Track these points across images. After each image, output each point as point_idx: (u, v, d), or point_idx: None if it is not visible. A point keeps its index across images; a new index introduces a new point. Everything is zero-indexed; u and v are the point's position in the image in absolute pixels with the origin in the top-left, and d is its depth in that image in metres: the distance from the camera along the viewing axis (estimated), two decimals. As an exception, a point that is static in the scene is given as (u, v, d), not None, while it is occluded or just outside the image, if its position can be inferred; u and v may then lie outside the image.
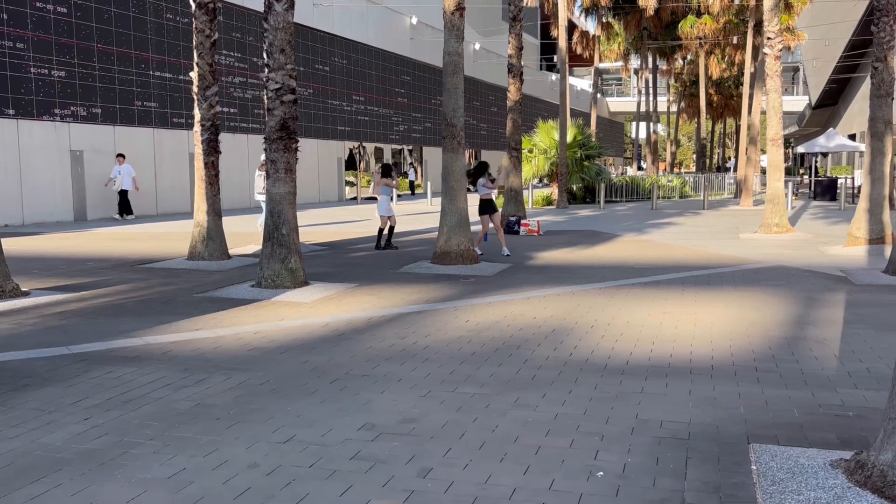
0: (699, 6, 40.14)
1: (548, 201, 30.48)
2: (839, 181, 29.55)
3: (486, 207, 14.39)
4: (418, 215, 24.25)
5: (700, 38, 41.67)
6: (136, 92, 23.21)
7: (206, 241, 12.32)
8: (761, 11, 38.02)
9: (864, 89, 59.63)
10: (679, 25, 41.08)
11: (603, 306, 8.59)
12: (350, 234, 17.90)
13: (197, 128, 12.37)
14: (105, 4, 22.01)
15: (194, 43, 12.23)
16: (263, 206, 22.97)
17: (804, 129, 73.28)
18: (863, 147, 35.93)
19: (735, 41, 40.45)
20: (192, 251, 12.40)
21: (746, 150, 29.00)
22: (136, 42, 23.09)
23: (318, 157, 31.63)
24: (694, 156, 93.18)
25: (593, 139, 32.79)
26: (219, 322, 7.82)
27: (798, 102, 75.84)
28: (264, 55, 10.01)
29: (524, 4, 34.06)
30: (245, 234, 17.35)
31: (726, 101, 59.45)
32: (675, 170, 57.31)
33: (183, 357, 6.41)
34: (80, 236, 17.47)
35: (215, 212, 12.45)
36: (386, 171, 14.33)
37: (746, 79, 35.99)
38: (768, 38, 16.22)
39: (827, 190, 32.26)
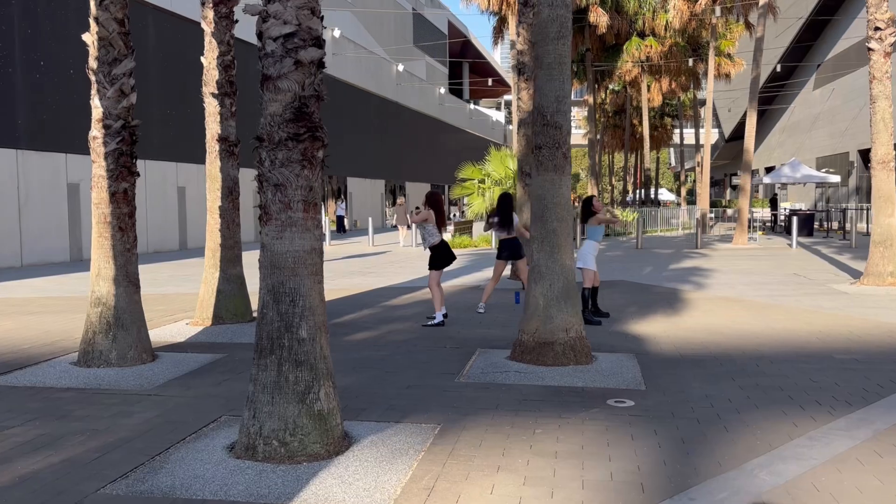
0: (644, 27, 37.22)
1: (508, 240, 25.98)
2: (848, 213, 26.42)
3: (513, 248, 10.78)
4: (367, 259, 19.15)
5: (643, 62, 38.73)
6: (-8, 101, 17.18)
7: (112, 332, 6.94)
8: (719, 31, 35.40)
9: (783, 122, 58.87)
10: (624, 47, 37.99)
11: None
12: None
13: (96, 132, 7.03)
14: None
15: (91, -17, 6.96)
16: (402, 229, 18.81)
17: (715, 162, 72.54)
18: (832, 178, 33.52)
19: (691, 63, 37.61)
20: (89, 348, 6.98)
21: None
22: (-7, 34, 17.12)
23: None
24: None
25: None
26: None
27: (714, 134, 75.34)
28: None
29: None
30: (164, 298, 11.84)
31: (651, 131, 57.26)
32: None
33: None
34: None
35: (129, 279, 7.10)
36: (586, 208, 9.60)
37: (709, 102, 33.10)
38: (877, 29, 12.33)
39: (804, 224, 29.22)
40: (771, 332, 8.81)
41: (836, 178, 33.13)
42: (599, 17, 33.14)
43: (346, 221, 35.00)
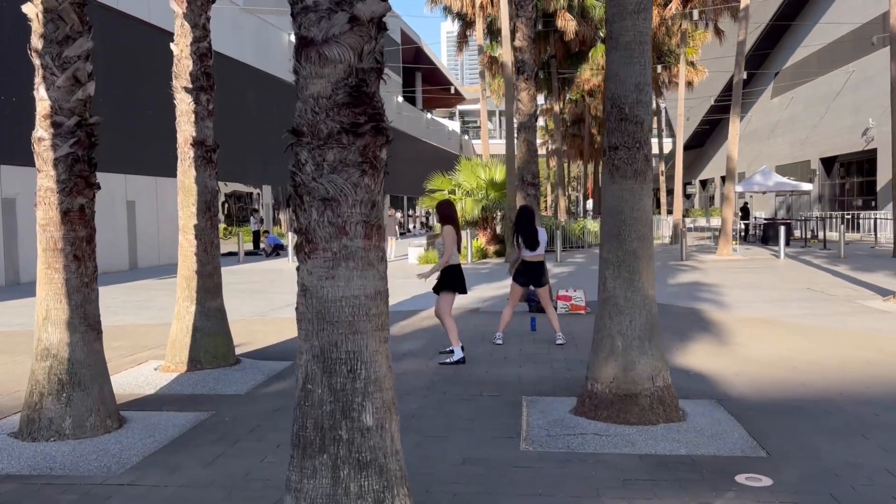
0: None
1: (483, 253, 24.72)
2: (829, 223, 25.69)
3: (535, 273, 8.91)
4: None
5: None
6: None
7: (66, 392, 5.30)
8: (685, 35, 34.70)
9: (740, 130, 58.82)
10: (589, 54, 37.15)
11: None
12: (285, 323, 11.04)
13: (42, 132, 5.41)
14: None
15: (34, -62, 5.35)
16: (392, 241, 16.88)
17: (670, 171, 72.53)
18: (805, 186, 33.04)
19: (659, 70, 36.95)
20: (34, 414, 5.32)
21: (720, 186, 24.66)
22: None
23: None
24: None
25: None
26: None
27: (667, 144, 75.39)
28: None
29: None
30: (120, 332, 10.05)
31: (610, 140, 56.72)
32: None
33: None
34: None
35: (88, 322, 5.47)
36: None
37: (681, 109, 32.42)
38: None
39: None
40: (848, 365, 7.57)
41: (808, 187, 32.68)
42: (567, 23, 32.13)
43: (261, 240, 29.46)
